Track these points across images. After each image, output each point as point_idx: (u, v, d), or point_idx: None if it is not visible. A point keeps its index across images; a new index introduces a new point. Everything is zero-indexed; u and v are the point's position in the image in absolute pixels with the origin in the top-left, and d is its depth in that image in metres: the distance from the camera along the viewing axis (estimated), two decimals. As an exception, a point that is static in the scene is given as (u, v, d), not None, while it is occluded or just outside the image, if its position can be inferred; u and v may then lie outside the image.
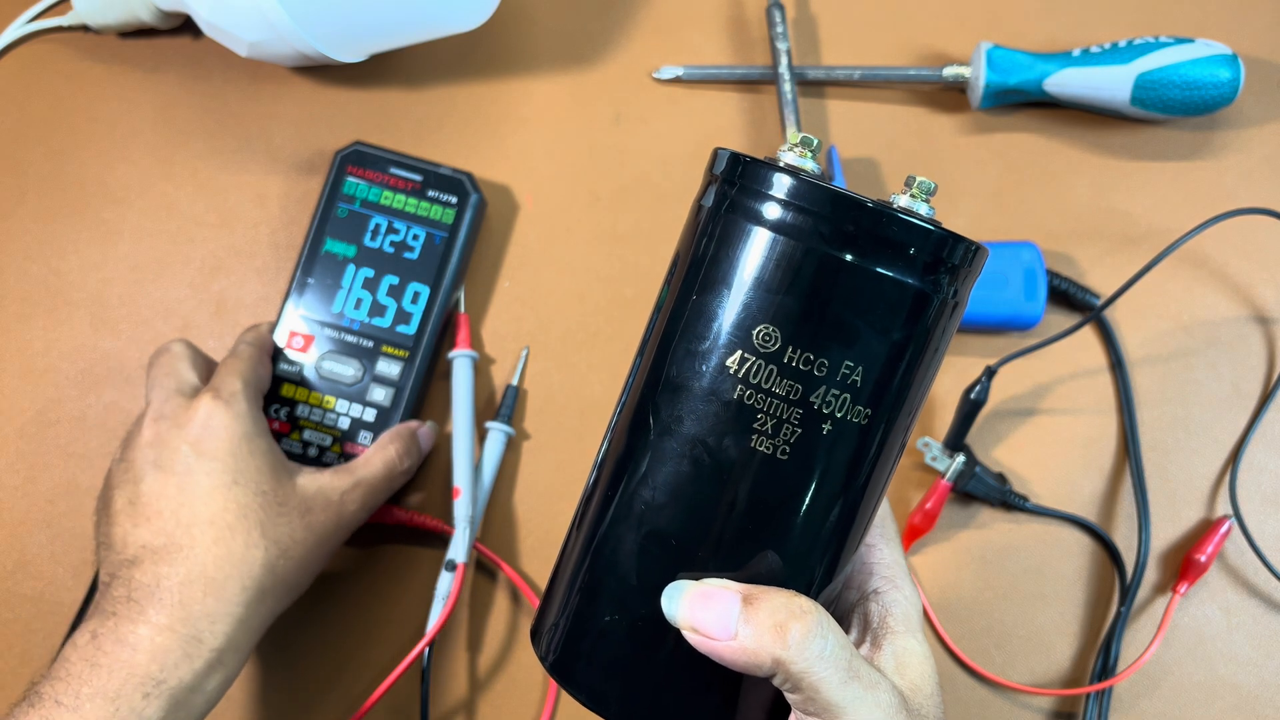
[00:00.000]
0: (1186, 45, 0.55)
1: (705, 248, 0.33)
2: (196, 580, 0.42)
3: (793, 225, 0.31)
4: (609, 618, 0.33)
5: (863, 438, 0.32)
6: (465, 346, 0.55)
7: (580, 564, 0.34)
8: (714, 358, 0.32)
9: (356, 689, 0.53)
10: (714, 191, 0.33)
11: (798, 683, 0.31)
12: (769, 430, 0.31)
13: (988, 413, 0.55)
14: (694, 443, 0.32)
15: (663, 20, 0.60)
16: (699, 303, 0.32)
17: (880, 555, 0.37)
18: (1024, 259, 0.54)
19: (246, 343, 0.51)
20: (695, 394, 0.32)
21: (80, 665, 0.40)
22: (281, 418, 0.53)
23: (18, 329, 0.56)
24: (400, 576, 0.54)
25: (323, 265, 0.54)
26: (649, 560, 0.33)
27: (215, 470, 0.44)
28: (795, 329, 0.31)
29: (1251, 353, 0.56)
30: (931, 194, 0.33)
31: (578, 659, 0.34)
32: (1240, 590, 0.54)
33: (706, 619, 0.31)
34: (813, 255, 0.31)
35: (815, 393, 0.31)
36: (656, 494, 0.32)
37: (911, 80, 0.58)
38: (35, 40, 0.59)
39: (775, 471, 0.31)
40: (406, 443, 0.51)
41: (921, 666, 0.34)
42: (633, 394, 0.34)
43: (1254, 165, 0.58)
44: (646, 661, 0.33)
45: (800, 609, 0.31)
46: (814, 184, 0.31)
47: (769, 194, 0.31)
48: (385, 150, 0.55)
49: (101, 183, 0.58)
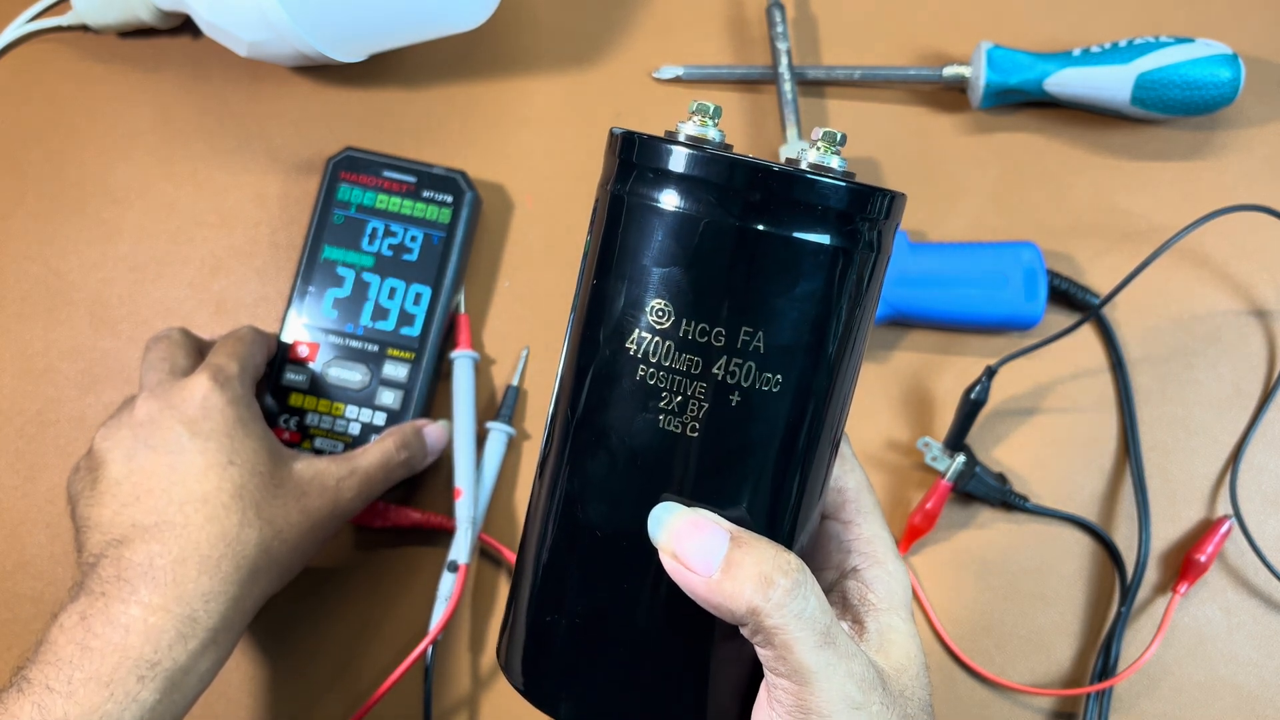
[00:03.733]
0: (1187, 45, 0.55)
1: (600, 231, 0.32)
2: (190, 558, 0.41)
3: (670, 195, 0.30)
4: (549, 619, 0.33)
5: (779, 405, 0.31)
6: (466, 347, 0.55)
7: (530, 571, 0.34)
8: (614, 340, 0.31)
9: (359, 688, 0.53)
10: (607, 172, 0.33)
11: (770, 638, 0.30)
12: (675, 408, 0.30)
13: (988, 413, 0.55)
14: (607, 430, 0.31)
15: (663, 20, 0.60)
16: (598, 287, 0.32)
17: (858, 531, 0.35)
18: (1024, 259, 0.54)
19: (246, 327, 0.51)
20: (602, 380, 0.31)
21: (70, 648, 0.39)
22: (292, 427, 0.53)
23: (17, 329, 0.56)
24: (403, 577, 0.54)
25: (322, 273, 0.54)
26: (581, 556, 0.32)
27: (211, 449, 0.44)
28: (685, 301, 0.30)
29: (1252, 352, 0.56)
30: (841, 144, 0.32)
31: (537, 672, 0.33)
32: (1240, 590, 0.54)
33: (690, 549, 0.30)
34: (691, 222, 0.30)
35: (716, 364, 0.30)
36: (581, 488, 0.32)
37: (911, 80, 0.58)
38: (35, 40, 0.59)
39: (689, 450, 0.30)
40: (406, 436, 0.51)
41: (906, 646, 0.33)
42: (558, 390, 0.34)
43: (1254, 165, 0.58)
44: (604, 659, 0.32)
45: (787, 564, 0.30)
46: (688, 151, 0.30)
47: (650, 168, 0.30)
48: (377, 154, 0.55)
49: (101, 183, 0.58)
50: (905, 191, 0.33)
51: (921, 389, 0.56)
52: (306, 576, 0.52)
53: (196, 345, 0.50)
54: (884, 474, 0.55)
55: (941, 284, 0.54)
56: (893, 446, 0.55)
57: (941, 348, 0.56)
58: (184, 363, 0.48)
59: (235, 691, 0.52)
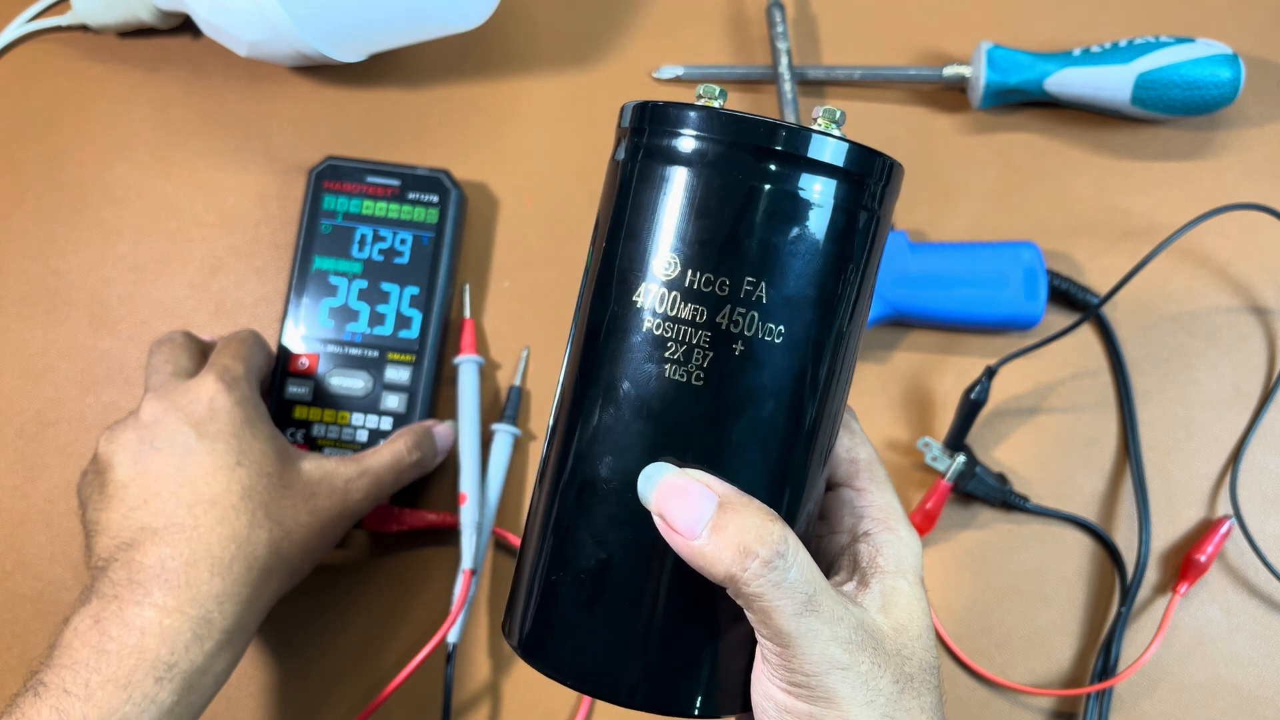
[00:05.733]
0: (1187, 45, 0.55)
1: (612, 198, 0.33)
2: (202, 560, 0.41)
3: (680, 152, 0.31)
4: (554, 578, 0.33)
5: (781, 355, 0.31)
6: (471, 352, 0.54)
7: (535, 536, 0.34)
8: (623, 295, 0.32)
9: (372, 689, 0.52)
10: (618, 144, 0.34)
11: (749, 604, 0.30)
12: (680, 357, 0.31)
13: (988, 413, 0.55)
14: (615, 382, 0.32)
15: (663, 20, 0.60)
16: (607, 249, 0.33)
17: (871, 499, 0.36)
18: (1024, 259, 0.54)
19: (247, 329, 0.51)
20: (611, 334, 0.32)
21: (85, 651, 0.39)
22: (299, 440, 0.53)
23: (17, 329, 0.56)
24: (419, 578, 0.54)
25: (315, 283, 0.54)
26: (589, 510, 0.32)
27: (219, 451, 0.44)
28: (692, 252, 0.31)
29: (1252, 352, 0.56)
30: (840, 122, 0.33)
31: (542, 632, 0.33)
32: (1241, 590, 0.54)
33: (676, 510, 0.30)
34: (699, 177, 0.31)
35: (720, 313, 0.31)
36: (590, 441, 0.32)
37: (911, 80, 0.58)
38: (34, 40, 0.59)
39: (694, 399, 0.31)
40: (418, 436, 0.51)
41: (910, 608, 0.33)
42: (568, 358, 0.34)
43: (1254, 165, 0.58)
44: (609, 616, 0.33)
45: (769, 533, 0.30)
46: (691, 108, 0.31)
47: (657, 129, 0.32)
48: (359, 160, 0.55)
49: (101, 183, 0.58)
50: (906, 191, 0.33)
51: (921, 389, 0.56)
52: (321, 577, 0.52)
53: (200, 348, 0.50)
54: (884, 474, 0.55)
55: (941, 284, 0.54)
56: (893, 446, 0.55)
57: (941, 348, 0.56)
58: (188, 365, 0.48)
59: (249, 685, 0.52)
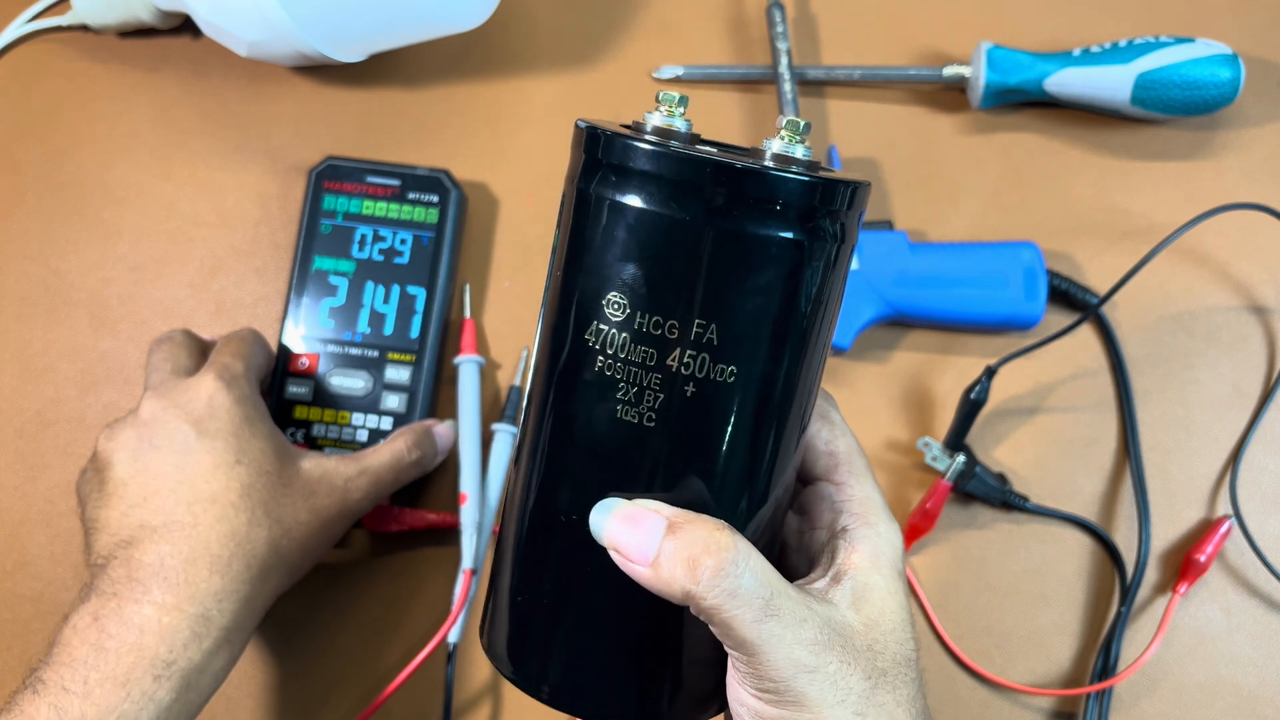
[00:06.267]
0: (1187, 45, 0.55)
1: (565, 225, 0.33)
2: (201, 558, 0.41)
3: (625, 190, 0.30)
4: (524, 601, 0.34)
5: (734, 394, 0.31)
6: (471, 352, 0.54)
7: (504, 551, 0.35)
8: (575, 332, 0.32)
9: (372, 688, 0.52)
10: (571, 168, 0.33)
11: (710, 617, 0.30)
12: (631, 399, 0.31)
13: (988, 413, 0.55)
14: (569, 418, 0.32)
15: (663, 20, 0.60)
16: (562, 280, 0.32)
17: (850, 493, 0.36)
18: (1024, 259, 0.54)
19: (246, 329, 0.51)
20: (565, 370, 0.32)
21: (84, 649, 0.39)
22: (299, 440, 0.53)
23: (17, 329, 0.56)
24: (420, 578, 0.53)
25: (315, 283, 0.54)
26: (550, 540, 0.33)
27: (219, 449, 0.44)
28: (640, 295, 0.30)
29: (1252, 352, 0.56)
30: (805, 133, 0.32)
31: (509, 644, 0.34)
32: (1240, 590, 0.54)
33: (629, 541, 0.31)
34: (645, 217, 0.30)
35: (670, 356, 0.30)
36: (548, 474, 0.33)
37: (911, 80, 0.58)
38: (35, 40, 0.59)
39: (646, 439, 0.31)
40: (418, 436, 0.51)
41: (884, 602, 0.33)
42: (531, 381, 0.35)
43: (1254, 165, 0.58)
44: (579, 640, 0.33)
45: (717, 544, 0.30)
46: (643, 146, 0.30)
47: (608, 163, 0.31)
48: (359, 160, 0.55)
49: (101, 183, 0.58)
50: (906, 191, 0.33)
51: (921, 389, 0.56)
52: (321, 577, 0.52)
53: (200, 346, 0.50)
54: (884, 474, 0.55)
55: (941, 284, 0.54)
56: (893, 446, 0.55)
57: (941, 348, 0.56)
58: (188, 363, 0.48)
59: (251, 686, 0.52)
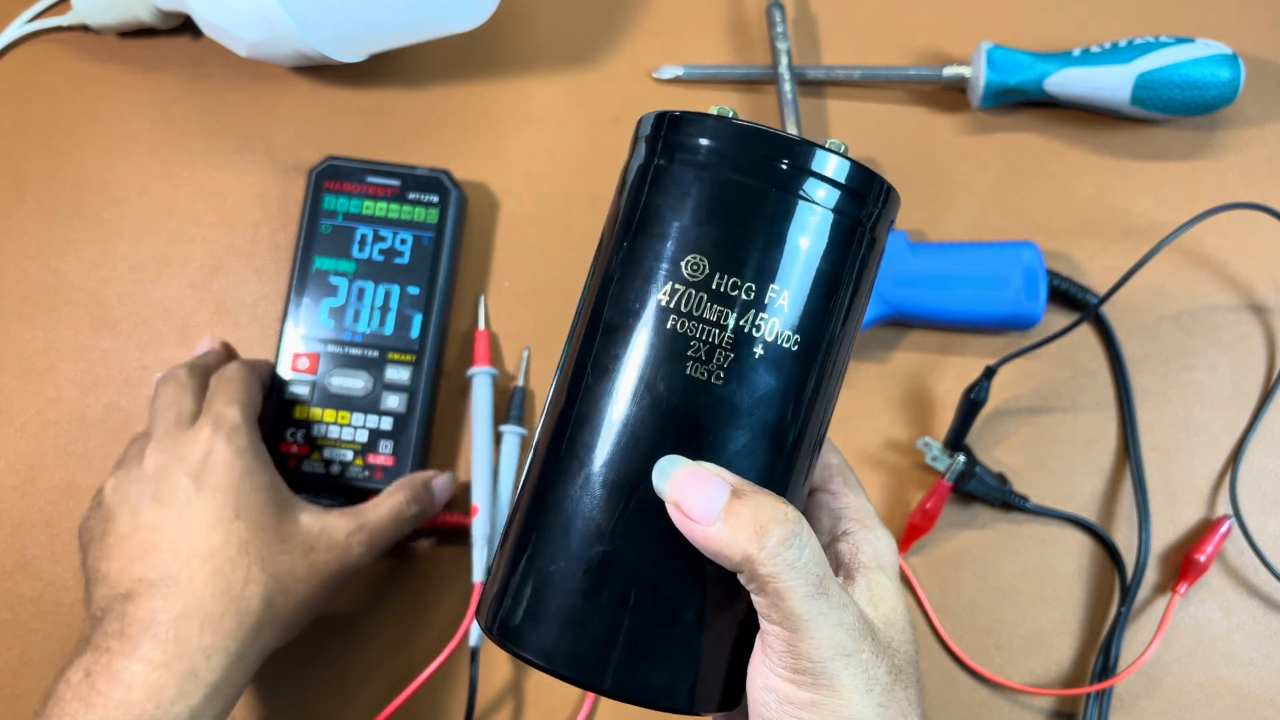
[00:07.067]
0: (1186, 45, 0.55)
1: (635, 200, 0.34)
2: (193, 614, 0.42)
3: (714, 161, 0.33)
4: (554, 566, 0.33)
5: (795, 363, 0.33)
6: (484, 363, 0.54)
7: (525, 522, 0.34)
8: (648, 294, 0.33)
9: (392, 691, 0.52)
10: (641, 150, 0.35)
11: (763, 585, 0.31)
12: (702, 356, 0.32)
13: (988, 413, 0.55)
14: (632, 378, 0.32)
15: (663, 20, 0.60)
16: (631, 249, 0.34)
17: (847, 500, 0.37)
18: (1024, 259, 0.54)
19: (236, 364, 0.50)
20: (632, 332, 0.33)
21: (75, 705, 0.40)
22: (299, 440, 0.53)
23: (17, 329, 0.56)
24: (443, 579, 0.54)
25: (315, 284, 0.54)
26: (591, 503, 0.33)
27: (217, 504, 0.44)
28: (721, 255, 0.32)
29: (1252, 352, 0.56)
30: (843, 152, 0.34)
31: (528, 619, 0.33)
32: (1240, 590, 0.54)
33: (692, 498, 0.31)
34: (733, 185, 0.32)
35: (745, 317, 0.32)
36: (601, 437, 0.33)
37: (911, 80, 0.58)
38: (35, 40, 0.59)
39: (713, 397, 0.32)
40: (416, 490, 0.51)
41: (894, 602, 0.34)
42: (571, 353, 0.35)
43: (1254, 165, 0.58)
44: (605, 610, 0.32)
45: (784, 515, 0.31)
46: (731, 122, 0.33)
47: (692, 138, 0.33)
48: (359, 160, 0.55)
49: (101, 183, 0.58)
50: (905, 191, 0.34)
51: (921, 389, 0.56)
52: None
53: (203, 382, 0.49)
54: (884, 474, 0.55)
55: (941, 284, 0.54)
56: (893, 446, 0.55)
57: (941, 348, 0.56)
58: (190, 407, 0.48)
59: (266, 690, 0.52)
